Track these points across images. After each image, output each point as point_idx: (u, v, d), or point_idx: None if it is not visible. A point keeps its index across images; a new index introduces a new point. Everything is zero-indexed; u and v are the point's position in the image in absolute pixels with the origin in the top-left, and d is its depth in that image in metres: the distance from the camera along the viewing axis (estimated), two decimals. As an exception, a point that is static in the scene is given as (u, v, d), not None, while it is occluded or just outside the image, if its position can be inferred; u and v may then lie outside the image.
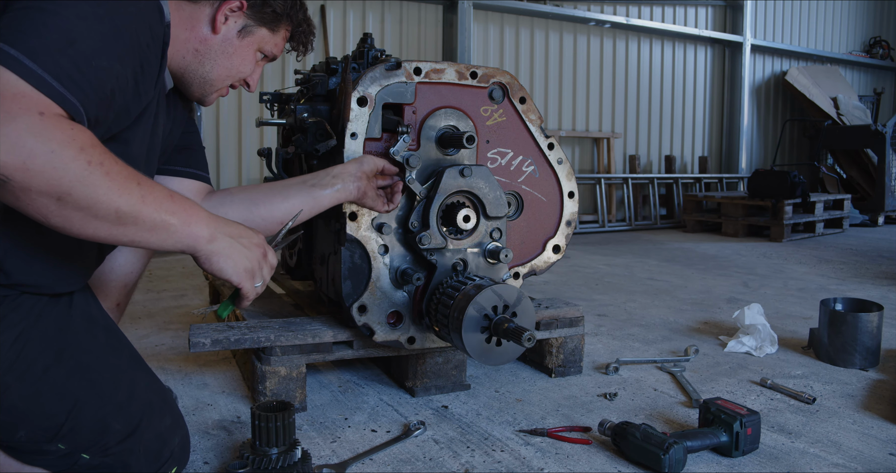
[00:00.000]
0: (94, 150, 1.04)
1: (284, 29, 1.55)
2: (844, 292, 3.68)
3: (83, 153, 1.01)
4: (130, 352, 1.37)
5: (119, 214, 1.07)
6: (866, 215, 7.45)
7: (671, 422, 1.86)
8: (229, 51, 1.46)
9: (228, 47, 1.45)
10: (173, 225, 1.14)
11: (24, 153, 0.96)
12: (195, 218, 1.18)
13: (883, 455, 1.67)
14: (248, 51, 1.49)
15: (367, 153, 1.82)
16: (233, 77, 1.51)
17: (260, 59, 1.55)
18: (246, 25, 1.46)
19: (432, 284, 1.85)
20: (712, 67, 8.47)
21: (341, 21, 5.91)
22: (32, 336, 1.16)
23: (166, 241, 1.14)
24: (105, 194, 1.04)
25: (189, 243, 1.17)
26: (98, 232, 1.08)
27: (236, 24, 1.45)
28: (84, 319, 1.28)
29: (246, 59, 1.50)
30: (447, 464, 1.60)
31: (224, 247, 1.22)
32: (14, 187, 0.97)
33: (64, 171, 0.99)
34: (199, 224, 1.18)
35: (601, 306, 3.34)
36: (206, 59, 1.44)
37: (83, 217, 1.04)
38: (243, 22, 1.45)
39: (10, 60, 0.98)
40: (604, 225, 7.03)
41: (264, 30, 1.50)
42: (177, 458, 1.35)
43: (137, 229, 1.10)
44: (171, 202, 1.15)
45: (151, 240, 1.13)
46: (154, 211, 1.11)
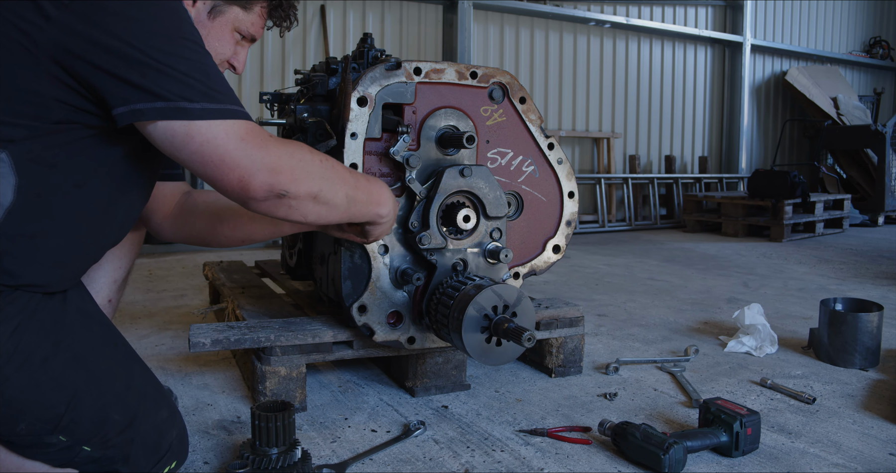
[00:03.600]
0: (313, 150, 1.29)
1: (259, 6, 1.53)
2: (844, 292, 3.68)
3: (313, 154, 1.28)
4: (125, 346, 1.37)
5: (349, 199, 1.36)
6: (866, 215, 7.45)
7: (671, 422, 1.86)
8: (203, 33, 1.44)
9: (201, 29, 1.44)
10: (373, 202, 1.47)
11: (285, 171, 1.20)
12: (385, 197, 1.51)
13: (883, 455, 1.67)
14: (223, 31, 1.48)
15: (367, 154, 1.82)
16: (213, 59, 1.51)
17: (239, 39, 1.53)
18: (215, 5, 1.45)
19: (432, 284, 1.85)
20: (712, 67, 8.47)
21: (341, 21, 5.91)
22: (29, 328, 1.16)
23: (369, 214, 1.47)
24: (340, 185, 1.32)
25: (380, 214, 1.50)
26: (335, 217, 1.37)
27: (205, 5, 1.44)
28: (79, 313, 1.29)
29: (222, 40, 1.49)
30: (447, 464, 1.60)
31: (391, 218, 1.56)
32: (292, 197, 1.23)
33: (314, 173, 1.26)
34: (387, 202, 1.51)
35: (601, 306, 3.34)
36: None
37: (329, 209, 1.32)
38: (212, 3, 1.45)
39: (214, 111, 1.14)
40: (604, 225, 7.03)
41: (236, 8, 1.48)
42: (175, 452, 1.34)
43: (357, 209, 1.41)
44: (370, 184, 1.47)
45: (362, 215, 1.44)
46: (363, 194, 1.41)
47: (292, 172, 1.21)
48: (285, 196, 1.21)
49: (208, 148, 1.14)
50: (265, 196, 1.19)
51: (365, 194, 1.43)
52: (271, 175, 1.18)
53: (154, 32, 1.13)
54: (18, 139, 1.12)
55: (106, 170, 1.24)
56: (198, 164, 1.16)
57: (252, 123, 1.19)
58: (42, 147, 1.14)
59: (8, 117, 1.11)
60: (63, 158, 1.17)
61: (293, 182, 1.21)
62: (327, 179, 1.29)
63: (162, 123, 1.12)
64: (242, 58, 1.56)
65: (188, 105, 1.12)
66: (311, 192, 1.25)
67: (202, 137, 1.13)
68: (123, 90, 1.11)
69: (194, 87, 1.13)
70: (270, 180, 1.18)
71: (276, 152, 1.19)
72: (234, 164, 1.15)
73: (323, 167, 1.28)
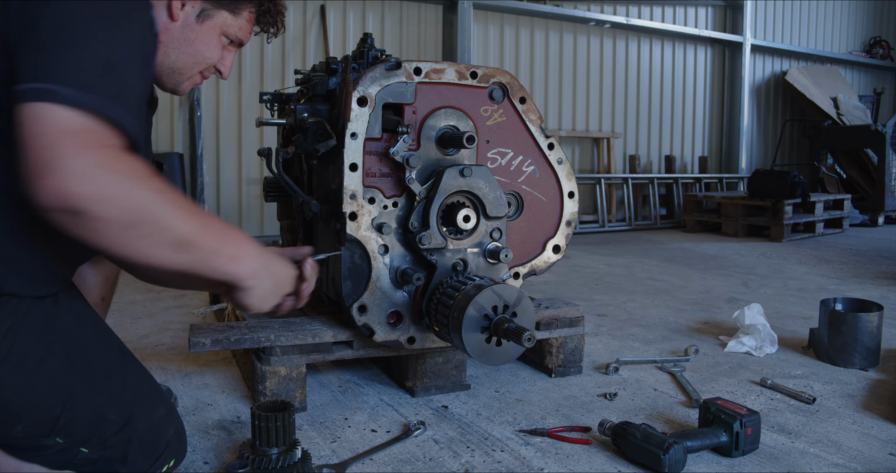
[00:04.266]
0: (156, 179, 1.08)
1: (248, 10, 1.50)
2: (844, 292, 3.68)
3: (149, 182, 1.06)
4: (119, 345, 1.37)
5: (181, 241, 1.10)
6: (866, 215, 7.45)
7: (671, 422, 1.86)
8: (191, 37, 1.42)
9: (190, 34, 1.42)
10: (225, 256, 1.18)
11: (96, 186, 0.99)
12: (246, 254, 1.22)
13: (883, 455, 1.67)
14: (210, 36, 1.45)
15: (367, 154, 1.82)
16: (200, 64, 1.47)
17: (227, 44, 1.50)
18: (204, 9, 1.42)
19: (432, 284, 1.85)
20: (712, 67, 8.47)
21: (341, 21, 5.91)
22: (22, 331, 1.16)
23: (217, 270, 1.18)
24: (169, 222, 1.08)
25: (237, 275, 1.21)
26: (155, 258, 1.10)
27: (194, 9, 1.41)
28: (71, 313, 1.28)
29: (210, 44, 1.46)
30: (447, 464, 1.60)
31: (257, 286, 1.25)
32: (87, 219, 1.00)
33: (133, 200, 1.03)
34: (247, 261, 1.21)
35: (601, 306, 3.34)
36: (170, 49, 1.40)
37: (148, 245, 1.08)
38: (201, 6, 1.42)
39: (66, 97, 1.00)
40: (604, 225, 7.03)
41: (224, 12, 1.46)
42: (173, 450, 1.34)
43: (195, 256, 1.13)
44: (227, 233, 1.20)
45: (205, 268, 1.16)
46: (212, 240, 1.15)
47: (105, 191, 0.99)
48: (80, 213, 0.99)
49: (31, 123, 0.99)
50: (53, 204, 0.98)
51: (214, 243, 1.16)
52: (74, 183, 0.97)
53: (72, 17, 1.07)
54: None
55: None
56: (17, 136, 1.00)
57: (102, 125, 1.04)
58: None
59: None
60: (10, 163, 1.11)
61: (98, 202, 0.99)
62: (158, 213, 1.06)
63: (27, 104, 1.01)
64: (229, 62, 1.53)
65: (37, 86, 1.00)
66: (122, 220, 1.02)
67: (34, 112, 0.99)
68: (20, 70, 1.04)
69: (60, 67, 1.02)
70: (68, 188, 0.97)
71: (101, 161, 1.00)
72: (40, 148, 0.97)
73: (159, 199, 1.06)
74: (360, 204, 1.81)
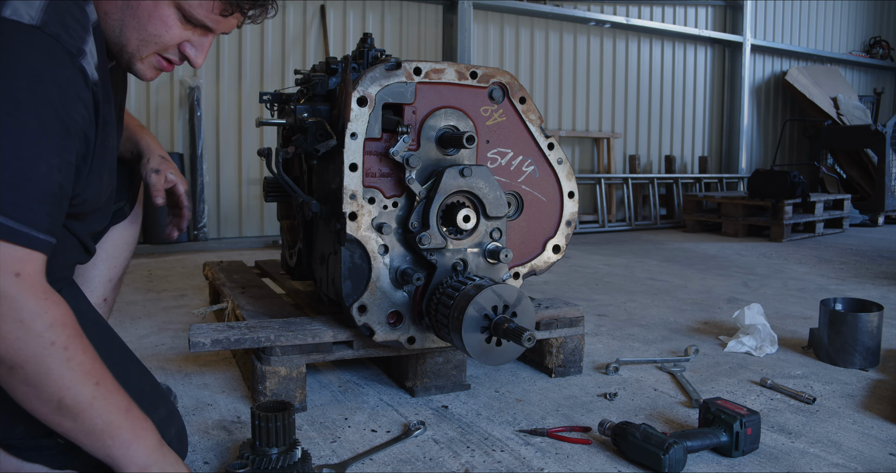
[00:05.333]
0: (63, 329, 1.01)
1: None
2: (844, 292, 3.68)
3: (51, 331, 0.99)
4: (120, 346, 1.37)
5: (62, 405, 1.03)
6: (866, 215, 7.45)
7: (671, 422, 1.86)
8: (132, 7, 1.23)
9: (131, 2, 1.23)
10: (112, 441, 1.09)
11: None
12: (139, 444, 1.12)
13: (883, 455, 1.67)
14: (157, 8, 1.23)
15: (367, 154, 1.82)
16: (149, 43, 1.26)
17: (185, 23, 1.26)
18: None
19: (432, 284, 1.85)
20: (712, 67, 8.47)
21: (341, 21, 5.91)
22: None
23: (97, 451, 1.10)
24: (56, 380, 1.01)
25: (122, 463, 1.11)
26: (35, 411, 1.04)
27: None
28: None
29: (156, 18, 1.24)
30: (447, 464, 1.60)
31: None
32: None
33: (24, 344, 0.97)
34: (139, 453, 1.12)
35: (601, 306, 3.34)
36: (114, 20, 1.24)
37: (28, 393, 1.02)
38: None
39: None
40: (604, 225, 7.03)
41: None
42: (174, 450, 1.34)
43: (74, 426, 1.06)
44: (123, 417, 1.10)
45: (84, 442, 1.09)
46: (97, 416, 1.06)
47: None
48: None
49: None
50: None
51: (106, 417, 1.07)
52: None
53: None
54: None
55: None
56: None
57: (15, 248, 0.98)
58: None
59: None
60: None
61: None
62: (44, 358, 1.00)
63: None
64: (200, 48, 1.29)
65: None
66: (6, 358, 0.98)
67: None
68: None
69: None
70: None
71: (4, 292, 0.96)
72: None
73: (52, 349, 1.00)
74: (360, 204, 1.81)
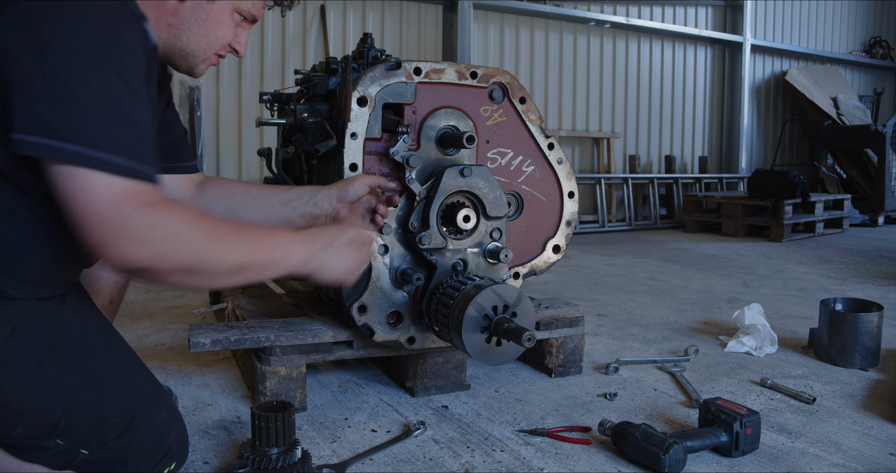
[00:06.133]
0: (202, 219, 1.16)
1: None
2: (844, 292, 3.68)
3: (197, 226, 1.13)
4: (124, 348, 1.37)
5: (235, 267, 1.20)
6: (866, 215, 7.45)
7: (671, 422, 1.86)
8: (202, 17, 1.36)
9: (200, 13, 1.35)
10: (277, 261, 1.28)
11: (152, 248, 1.06)
12: (293, 249, 1.31)
13: (883, 455, 1.67)
14: (223, 14, 1.39)
15: (367, 154, 1.82)
16: (214, 45, 1.40)
17: (240, 20, 1.44)
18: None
19: (432, 284, 1.85)
20: (712, 67, 8.47)
21: (341, 21, 5.91)
22: (26, 332, 1.16)
23: (274, 274, 1.31)
24: (223, 256, 1.17)
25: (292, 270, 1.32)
26: (220, 284, 1.24)
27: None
28: (76, 315, 1.28)
29: (222, 23, 1.39)
30: (447, 464, 1.60)
31: (319, 264, 1.35)
32: (152, 273, 1.09)
33: (189, 249, 1.11)
34: (296, 253, 1.31)
35: (601, 306, 3.34)
36: (181, 31, 1.34)
37: (209, 278, 1.18)
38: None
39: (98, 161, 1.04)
40: (604, 225, 7.03)
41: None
42: (175, 453, 1.34)
43: (251, 273, 1.23)
44: (272, 241, 1.29)
45: (262, 276, 1.29)
46: (260, 255, 1.24)
47: (160, 248, 1.07)
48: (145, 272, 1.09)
49: (76, 198, 1.04)
50: (122, 268, 1.08)
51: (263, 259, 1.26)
52: (135, 248, 1.05)
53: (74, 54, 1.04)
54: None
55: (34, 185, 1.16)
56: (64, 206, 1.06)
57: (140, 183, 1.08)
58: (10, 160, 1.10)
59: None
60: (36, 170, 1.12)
61: (157, 258, 1.07)
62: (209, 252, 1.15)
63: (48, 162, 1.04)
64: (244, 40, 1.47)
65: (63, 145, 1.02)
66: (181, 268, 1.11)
67: (74, 185, 1.03)
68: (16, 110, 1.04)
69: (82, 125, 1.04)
70: (132, 254, 1.05)
71: (150, 222, 1.07)
72: (97, 225, 1.04)
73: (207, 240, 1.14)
74: (360, 204, 1.81)
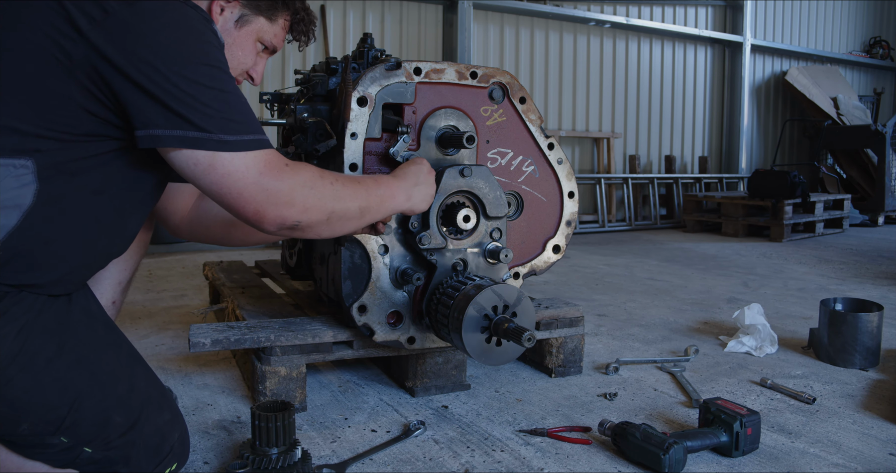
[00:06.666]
0: (325, 173, 1.33)
1: (283, 18, 1.55)
2: (844, 292, 3.68)
3: (324, 180, 1.32)
4: (129, 348, 1.38)
5: (362, 210, 1.41)
6: (866, 215, 7.45)
7: (671, 422, 1.86)
8: (228, 42, 1.46)
9: (227, 38, 1.45)
10: (387, 200, 1.52)
11: (297, 206, 1.25)
12: (395, 190, 1.56)
13: (883, 455, 1.67)
14: (247, 41, 1.49)
15: (367, 154, 1.82)
16: (235, 69, 1.50)
17: (261, 50, 1.54)
18: (243, 15, 1.46)
19: (432, 284, 1.85)
20: (712, 67, 8.47)
21: (341, 21, 5.91)
22: (34, 329, 1.17)
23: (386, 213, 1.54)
24: (350, 202, 1.37)
25: (398, 209, 1.60)
26: (350, 229, 1.44)
27: (233, 14, 1.45)
28: (83, 315, 1.29)
29: (246, 49, 1.50)
30: (447, 464, 1.60)
31: (416, 200, 1.64)
32: (302, 227, 1.29)
33: (325, 199, 1.30)
34: (399, 193, 1.57)
35: (601, 306, 3.34)
36: None
37: (342, 223, 1.38)
38: (240, 11, 1.46)
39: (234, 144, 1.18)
40: (604, 225, 7.03)
41: (262, 19, 1.49)
42: (177, 454, 1.35)
43: (372, 214, 1.45)
44: (379, 186, 1.51)
45: (378, 217, 1.50)
46: (375, 198, 1.46)
47: (304, 203, 1.26)
48: (297, 226, 1.27)
49: (228, 180, 1.18)
50: (279, 228, 1.25)
51: (377, 200, 1.47)
52: (286, 208, 1.23)
53: (180, 59, 1.15)
54: (45, 149, 1.14)
55: (125, 182, 1.27)
56: (216, 193, 1.20)
57: (270, 151, 1.22)
58: (66, 157, 1.16)
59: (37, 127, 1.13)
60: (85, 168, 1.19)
61: (305, 212, 1.26)
62: (339, 199, 1.34)
63: (184, 151, 1.16)
64: (261, 69, 1.57)
65: (206, 136, 1.15)
66: (323, 218, 1.31)
67: (224, 170, 1.17)
68: (144, 114, 1.14)
69: (213, 116, 1.16)
70: (284, 214, 1.23)
71: (290, 183, 1.23)
72: (252, 197, 1.20)
73: (334, 189, 1.33)
74: (360, 204, 1.81)
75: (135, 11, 1.14)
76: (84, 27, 1.11)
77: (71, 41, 1.11)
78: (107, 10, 1.13)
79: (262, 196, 1.20)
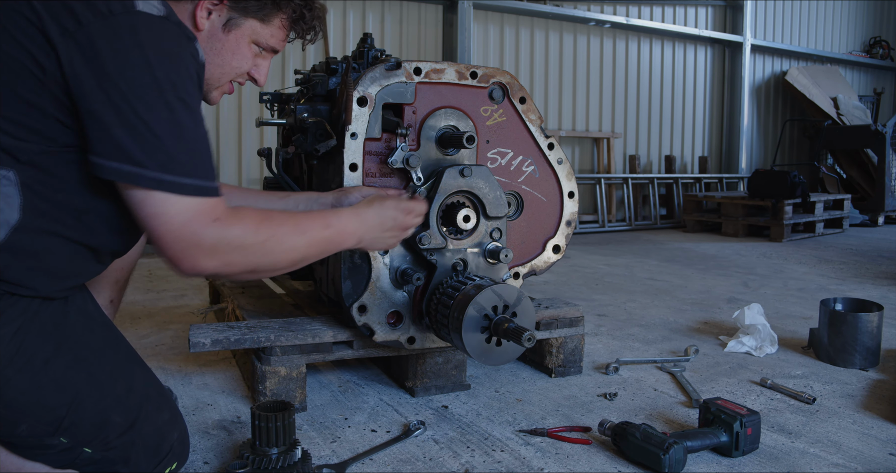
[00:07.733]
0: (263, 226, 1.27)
1: (278, 18, 1.45)
2: (844, 292, 3.68)
3: (257, 235, 1.26)
4: (127, 348, 1.38)
5: (294, 262, 1.36)
6: (866, 215, 7.45)
7: (671, 422, 1.86)
8: (217, 47, 1.39)
9: (216, 43, 1.39)
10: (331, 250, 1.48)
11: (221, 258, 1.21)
12: (346, 238, 1.49)
13: (883, 455, 1.67)
14: (239, 45, 1.41)
15: (367, 154, 1.82)
16: (229, 74, 1.44)
17: (258, 51, 1.46)
18: (231, 18, 1.38)
19: (432, 284, 1.85)
20: (712, 67, 8.46)
21: (341, 21, 5.91)
22: (31, 330, 1.17)
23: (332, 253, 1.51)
24: (282, 256, 1.32)
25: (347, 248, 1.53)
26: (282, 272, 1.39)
27: (220, 18, 1.37)
28: (80, 315, 1.29)
29: (239, 53, 1.42)
30: (447, 464, 1.60)
31: (369, 242, 1.57)
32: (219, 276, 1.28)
33: (251, 256, 1.26)
34: (348, 241, 1.50)
35: (601, 306, 3.34)
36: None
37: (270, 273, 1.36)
38: (227, 15, 1.38)
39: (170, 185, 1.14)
40: (604, 225, 7.03)
41: (252, 21, 1.41)
42: (176, 453, 1.35)
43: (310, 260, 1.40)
44: (326, 229, 1.44)
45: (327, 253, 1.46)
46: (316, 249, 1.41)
47: (227, 258, 1.22)
48: (217, 275, 1.27)
49: (153, 221, 1.15)
50: (195, 275, 1.23)
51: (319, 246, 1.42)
52: (205, 260, 1.19)
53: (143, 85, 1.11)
54: (24, 160, 1.12)
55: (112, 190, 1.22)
56: (143, 227, 1.18)
57: (208, 200, 1.18)
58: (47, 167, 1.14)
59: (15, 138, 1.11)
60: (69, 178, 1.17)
61: (226, 266, 1.23)
62: (269, 254, 1.29)
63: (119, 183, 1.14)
64: (264, 69, 1.50)
65: (141, 172, 1.11)
66: (247, 269, 1.27)
67: (152, 210, 1.14)
68: (91, 138, 1.11)
69: (157, 151, 1.12)
70: (201, 264, 1.19)
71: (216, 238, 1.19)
72: (172, 243, 1.16)
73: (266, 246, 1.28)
74: (360, 204, 1.81)
75: (108, 25, 1.11)
76: (56, 39, 1.08)
77: (44, 53, 1.09)
78: (80, 21, 1.10)
79: (182, 245, 1.16)
